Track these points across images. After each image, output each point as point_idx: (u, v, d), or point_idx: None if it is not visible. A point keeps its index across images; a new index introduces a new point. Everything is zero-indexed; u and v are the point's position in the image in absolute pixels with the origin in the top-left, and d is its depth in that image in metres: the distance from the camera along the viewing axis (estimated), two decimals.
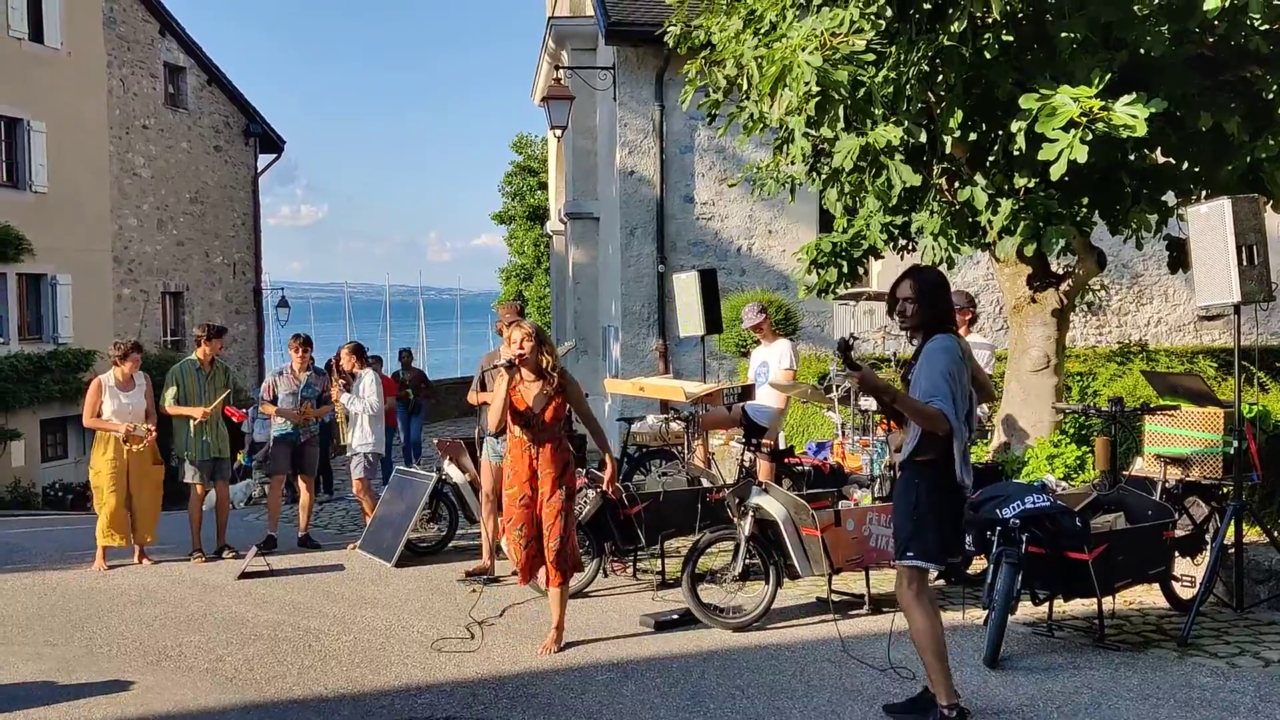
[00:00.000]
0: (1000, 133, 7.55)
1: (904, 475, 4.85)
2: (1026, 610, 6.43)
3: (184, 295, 26.13)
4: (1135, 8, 6.83)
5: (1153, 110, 6.19)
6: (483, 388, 8.13)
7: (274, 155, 29.52)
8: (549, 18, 19.31)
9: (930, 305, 4.84)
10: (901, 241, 9.05)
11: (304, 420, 9.46)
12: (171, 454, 9.26)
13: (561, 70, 16.56)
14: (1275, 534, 6.81)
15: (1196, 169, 8.02)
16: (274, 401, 9.44)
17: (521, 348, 6.11)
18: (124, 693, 5.55)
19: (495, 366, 6.45)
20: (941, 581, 7.42)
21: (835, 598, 6.74)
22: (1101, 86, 6.36)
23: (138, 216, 24.51)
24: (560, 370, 6.24)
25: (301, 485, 9.77)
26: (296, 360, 9.55)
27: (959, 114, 7.40)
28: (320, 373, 9.81)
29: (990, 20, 7.00)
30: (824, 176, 8.94)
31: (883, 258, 9.85)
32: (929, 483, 4.78)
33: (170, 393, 8.89)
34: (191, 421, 8.88)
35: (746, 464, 8.91)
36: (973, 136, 7.80)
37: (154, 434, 8.78)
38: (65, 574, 8.55)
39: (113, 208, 23.20)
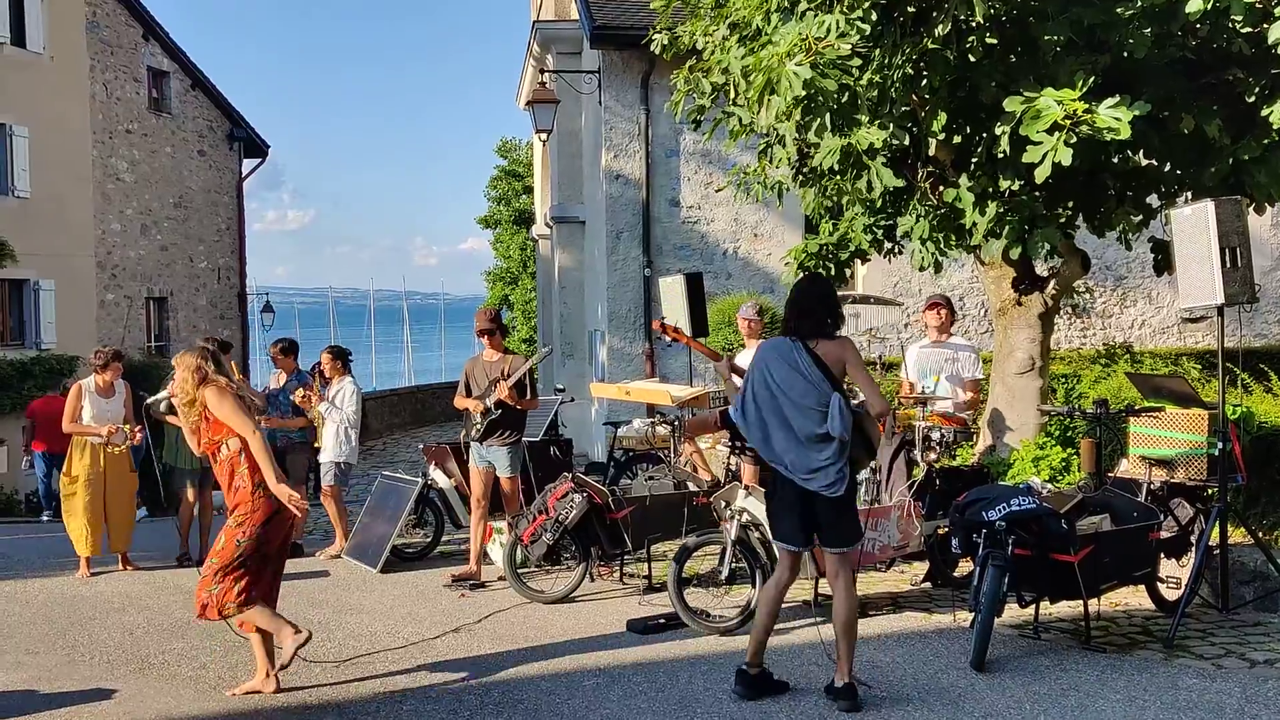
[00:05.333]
0: (984, 135, 7.57)
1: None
2: (1013, 613, 6.42)
3: (168, 301, 25.96)
4: (1118, 10, 6.86)
5: (1137, 113, 6.21)
6: (468, 393, 8.10)
7: (258, 160, 29.40)
8: (533, 21, 19.27)
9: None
10: (887, 244, 9.06)
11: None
12: (162, 460, 9.16)
13: (546, 74, 16.54)
14: (1260, 535, 6.83)
15: (1179, 171, 8.06)
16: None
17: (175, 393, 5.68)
18: (106, 701, 5.50)
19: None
20: (929, 584, 7.43)
21: (821, 601, 6.72)
22: (1085, 89, 6.37)
23: (121, 221, 24.36)
24: (211, 390, 5.57)
25: None
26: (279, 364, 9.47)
27: (943, 117, 7.41)
28: (302, 376, 9.54)
29: (974, 23, 7.01)
30: (803, 177, 8.95)
31: (869, 259, 9.86)
32: None
33: (162, 400, 8.79)
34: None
35: (732, 467, 8.90)
36: (957, 139, 7.82)
37: (139, 436, 8.72)
38: (47, 581, 8.48)
39: (96, 213, 23.03)
